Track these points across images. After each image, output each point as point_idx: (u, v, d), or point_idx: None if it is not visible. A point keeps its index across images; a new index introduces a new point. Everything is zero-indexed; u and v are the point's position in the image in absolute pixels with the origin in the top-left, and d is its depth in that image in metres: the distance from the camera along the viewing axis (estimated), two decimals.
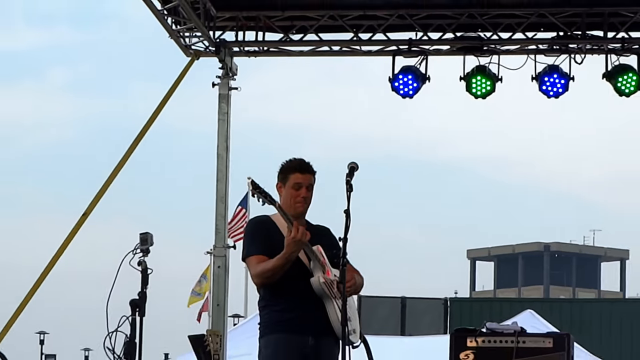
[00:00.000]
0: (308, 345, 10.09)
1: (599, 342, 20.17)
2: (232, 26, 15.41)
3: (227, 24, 15.38)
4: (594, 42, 14.98)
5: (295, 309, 9.97)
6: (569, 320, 16.91)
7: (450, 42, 15.21)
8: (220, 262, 15.26)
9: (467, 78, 15.02)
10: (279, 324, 10.09)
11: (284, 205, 10.01)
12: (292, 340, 10.07)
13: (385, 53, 15.23)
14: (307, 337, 10.08)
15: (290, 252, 9.74)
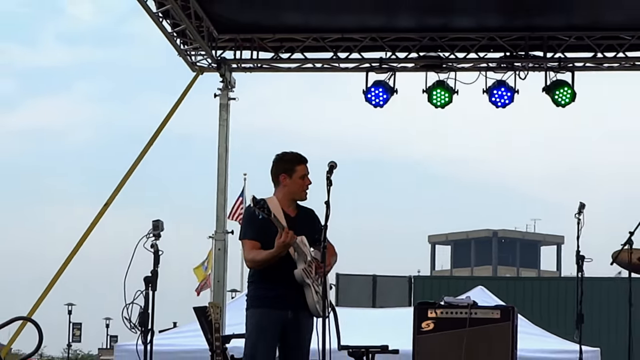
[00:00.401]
0: (287, 318, 10.11)
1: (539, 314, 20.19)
2: (231, 46, 15.42)
3: (226, 44, 15.39)
4: (535, 61, 15.00)
5: (277, 289, 9.97)
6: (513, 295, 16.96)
7: (415, 61, 15.20)
8: (220, 245, 15.32)
9: (429, 91, 15.04)
10: (263, 299, 10.08)
11: (292, 193, 10.05)
12: (273, 314, 10.07)
13: (360, 69, 15.24)
14: (287, 312, 10.07)
15: (278, 252, 9.76)
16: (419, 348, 11.56)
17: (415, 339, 11.61)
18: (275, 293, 10.02)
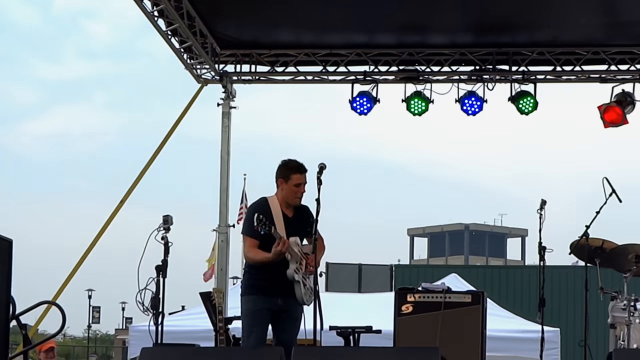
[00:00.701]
0: (277, 304, 10.16)
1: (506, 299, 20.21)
2: (232, 60, 15.41)
3: (228, 59, 15.39)
4: (502, 74, 15.01)
5: (269, 279, 10.04)
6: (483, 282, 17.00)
7: (395, 74, 15.20)
8: (223, 237, 15.33)
9: (407, 100, 15.04)
10: (255, 288, 10.15)
11: (286, 197, 10.13)
12: (265, 300, 10.13)
13: (346, 81, 15.23)
14: (277, 299, 10.13)
15: (274, 258, 9.87)
16: (400, 329, 11.59)
17: (396, 321, 11.64)
18: (267, 282, 10.10)
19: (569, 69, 15.11)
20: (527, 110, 14.96)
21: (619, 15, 14.24)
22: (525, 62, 15.03)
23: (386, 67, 15.24)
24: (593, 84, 15.19)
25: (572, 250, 12.08)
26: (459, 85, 15.11)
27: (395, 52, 15.11)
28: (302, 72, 15.46)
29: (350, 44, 15.07)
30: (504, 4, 13.97)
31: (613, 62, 15.05)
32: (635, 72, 15.03)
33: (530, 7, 14.06)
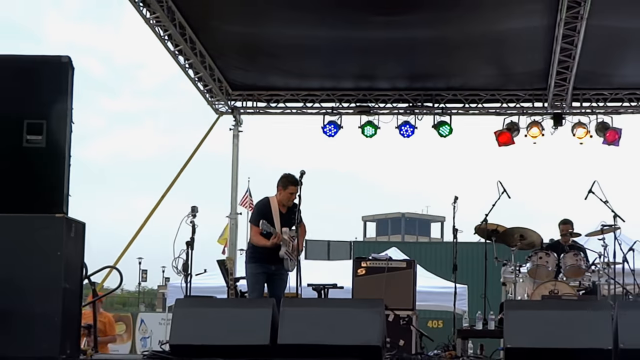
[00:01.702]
0: (271, 270, 10.25)
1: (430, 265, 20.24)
2: (240, 98, 15.35)
3: (237, 97, 15.33)
4: (427, 109, 15.02)
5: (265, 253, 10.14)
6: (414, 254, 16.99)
7: (353, 108, 15.18)
8: (233, 221, 15.32)
9: (362, 127, 15.04)
10: (256, 258, 10.34)
11: (282, 199, 10.38)
12: (262, 267, 10.24)
13: (319, 114, 15.19)
14: (271, 266, 10.22)
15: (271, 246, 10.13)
16: (356, 286, 11.57)
17: (354, 280, 11.62)
18: (264, 255, 10.24)
19: (474, 106, 15.11)
20: (445, 135, 15.00)
21: (508, 68, 14.28)
22: (443, 101, 15.04)
23: (347, 103, 15.23)
24: (491, 116, 15.20)
25: (475, 231, 12.11)
26: (398, 117, 15.11)
27: (354, 93, 15.10)
28: (289, 107, 15.42)
29: (322, 87, 15.05)
30: (428, 61, 13.98)
31: (504, 101, 15.06)
32: (520, 108, 15.06)
33: (447, 63, 14.09)
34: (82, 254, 8.56)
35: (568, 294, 11.11)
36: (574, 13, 11.77)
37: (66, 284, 8.12)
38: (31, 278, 7.94)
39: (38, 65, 8.38)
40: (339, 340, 8.03)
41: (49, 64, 8.39)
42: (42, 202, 8.13)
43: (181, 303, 8.78)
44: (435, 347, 11.12)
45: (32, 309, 7.90)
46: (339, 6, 11.99)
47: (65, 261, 8.07)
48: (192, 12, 12.66)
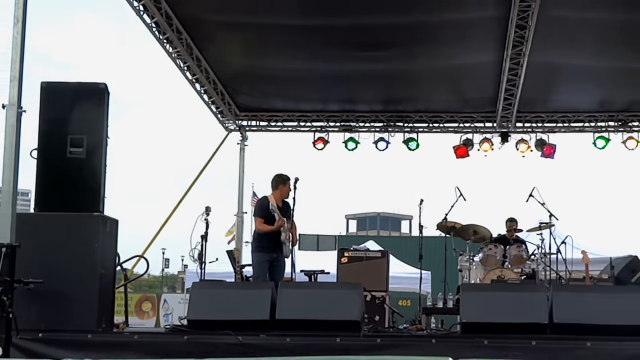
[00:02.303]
0: (272, 257, 10.19)
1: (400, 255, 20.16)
2: (245, 118, 15.27)
3: (244, 117, 15.25)
4: (399, 128, 14.99)
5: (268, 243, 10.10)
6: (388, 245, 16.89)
7: (338, 127, 15.08)
8: (240, 219, 15.25)
9: (345, 142, 15.00)
10: (261, 248, 10.24)
11: (282, 195, 10.32)
12: (266, 255, 10.17)
13: (311, 131, 15.14)
14: (272, 254, 10.17)
15: (276, 229, 10.08)
16: (340, 272, 11.52)
17: (338, 267, 11.57)
18: (267, 245, 10.15)
19: (436, 125, 15.08)
20: (413, 149, 14.96)
21: (464, 95, 14.28)
22: (412, 121, 14.99)
23: (333, 123, 15.16)
24: (450, 134, 15.18)
25: (437, 227, 12.11)
26: (375, 134, 15.08)
27: (339, 114, 15.05)
28: (286, 125, 15.35)
29: (313, 109, 15.01)
30: (400, 88, 13.97)
31: (461, 122, 15.04)
32: (474, 127, 15.04)
33: (415, 90, 14.09)
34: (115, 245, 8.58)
35: (512, 278, 11.13)
36: (517, 51, 11.81)
37: (102, 270, 8.14)
38: (74, 265, 7.98)
39: (80, 91, 8.43)
40: (326, 316, 8.03)
41: (89, 89, 8.44)
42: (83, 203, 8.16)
43: (197, 285, 8.78)
44: (404, 322, 11.12)
45: (75, 290, 7.93)
46: (327, 44, 11.98)
47: (102, 251, 8.10)
48: (207, 48, 12.65)
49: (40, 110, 8.24)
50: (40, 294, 7.71)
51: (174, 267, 54.74)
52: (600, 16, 10.89)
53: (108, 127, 8.35)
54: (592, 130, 14.82)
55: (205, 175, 15.04)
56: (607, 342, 7.53)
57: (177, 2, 11.33)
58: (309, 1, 10.88)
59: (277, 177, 10.42)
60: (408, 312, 13.21)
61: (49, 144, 8.22)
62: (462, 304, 8.31)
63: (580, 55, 12.16)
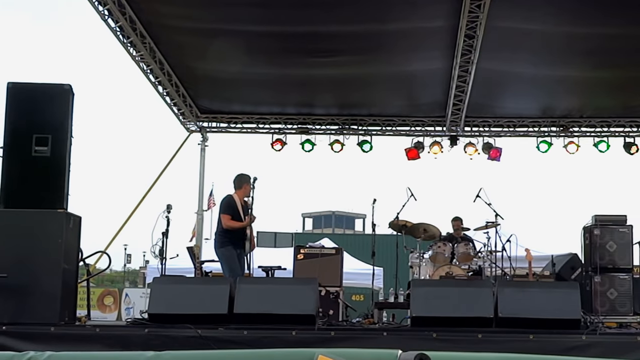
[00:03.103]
0: (238, 252, 10.15)
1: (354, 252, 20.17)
2: (206, 120, 15.22)
3: (204, 119, 15.18)
4: (353, 131, 15.01)
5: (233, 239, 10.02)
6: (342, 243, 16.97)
7: (295, 129, 15.11)
8: (200, 216, 15.19)
9: (302, 144, 14.98)
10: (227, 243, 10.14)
11: (245, 193, 10.25)
12: (233, 249, 10.10)
13: (269, 133, 15.13)
14: (238, 249, 10.10)
15: (245, 225, 10.07)
16: (296, 267, 11.50)
17: (294, 263, 11.55)
18: (233, 240, 10.08)
19: (389, 128, 15.15)
20: (367, 150, 15.00)
21: (415, 100, 14.36)
22: (366, 124, 15.05)
23: (291, 125, 15.16)
24: (402, 137, 15.26)
25: (389, 226, 12.13)
26: (330, 136, 15.09)
27: (296, 117, 15.04)
28: (245, 127, 15.31)
29: (271, 112, 14.99)
30: (354, 93, 14.00)
31: (413, 125, 15.13)
32: (424, 131, 15.14)
33: (369, 95, 14.13)
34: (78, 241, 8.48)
35: (460, 275, 11.20)
36: (466, 59, 11.90)
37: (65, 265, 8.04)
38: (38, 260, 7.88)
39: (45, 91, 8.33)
40: (282, 310, 8.00)
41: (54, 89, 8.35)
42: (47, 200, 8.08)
43: (157, 281, 8.70)
44: (357, 316, 11.12)
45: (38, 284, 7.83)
46: (284, 50, 11.98)
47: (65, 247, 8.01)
48: (169, 52, 12.57)
49: (6, 110, 8.16)
50: (3, 288, 7.61)
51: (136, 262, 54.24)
52: (541, 28, 11.03)
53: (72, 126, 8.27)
54: (536, 135, 15.00)
55: (166, 174, 14.92)
56: (549, 335, 7.62)
57: (140, 8, 11.23)
58: (268, 9, 10.85)
59: (241, 176, 10.39)
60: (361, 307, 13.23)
61: (15, 143, 8.12)
62: (413, 299, 8.34)
63: (524, 64, 12.31)
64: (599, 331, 7.83)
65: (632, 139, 14.85)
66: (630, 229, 11.32)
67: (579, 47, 11.56)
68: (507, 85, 13.35)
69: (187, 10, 10.98)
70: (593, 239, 11.42)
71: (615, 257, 11.35)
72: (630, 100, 13.93)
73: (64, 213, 8.05)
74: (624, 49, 11.54)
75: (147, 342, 7.52)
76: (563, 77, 12.85)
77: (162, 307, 8.10)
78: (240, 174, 10.41)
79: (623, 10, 10.43)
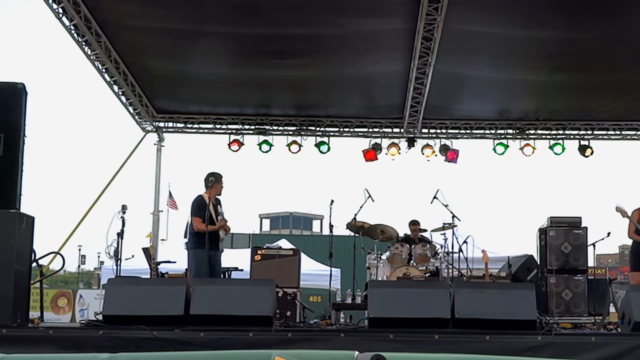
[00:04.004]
0: (211, 254, 10.08)
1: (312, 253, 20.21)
2: (163, 120, 15.08)
3: (161, 119, 15.04)
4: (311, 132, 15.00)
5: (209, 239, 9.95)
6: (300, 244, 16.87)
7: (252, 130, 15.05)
8: (156, 217, 15.05)
9: (259, 144, 14.90)
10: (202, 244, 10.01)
11: (216, 192, 10.26)
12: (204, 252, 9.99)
13: (226, 134, 15.04)
14: (211, 251, 10.04)
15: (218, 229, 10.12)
16: (253, 268, 11.49)
17: (252, 264, 11.54)
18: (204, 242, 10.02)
19: (347, 130, 15.16)
20: (324, 152, 15.00)
21: (373, 101, 14.41)
22: (323, 125, 15.05)
23: (248, 126, 15.10)
24: (360, 138, 15.29)
25: (347, 227, 12.17)
26: (288, 137, 15.07)
27: (254, 118, 14.99)
28: (202, 128, 15.20)
29: (229, 113, 14.91)
30: (312, 94, 14.01)
31: (370, 127, 15.17)
32: (382, 133, 15.19)
33: (326, 96, 14.14)
34: (31, 242, 8.35)
35: (417, 276, 11.25)
36: (424, 61, 11.96)
37: (17, 266, 7.92)
38: None
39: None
40: (239, 311, 7.97)
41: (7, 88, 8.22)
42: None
43: (112, 282, 8.60)
44: (314, 317, 11.13)
45: None
46: (242, 51, 11.93)
47: (17, 248, 7.89)
48: (125, 51, 12.45)
49: None
50: None
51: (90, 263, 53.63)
52: (498, 31, 11.13)
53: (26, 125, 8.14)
54: (492, 137, 15.13)
55: (122, 174, 14.76)
56: (505, 336, 7.68)
57: (96, 6, 11.10)
58: (226, 10, 10.79)
59: (211, 175, 10.32)
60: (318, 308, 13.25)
61: None
62: (370, 300, 8.35)
63: (480, 67, 12.41)
64: (554, 332, 7.92)
65: (586, 141, 15.07)
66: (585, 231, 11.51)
67: (536, 51, 11.69)
68: (465, 87, 13.44)
69: (144, 9, 10.88)
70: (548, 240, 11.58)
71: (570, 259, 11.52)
72: (585, 104, 14.13)
73: (17, 213, 7.93)
74: (580, 53, 11.70)
75: (102, 344, 7.43)
76: (519, 80, 12.98)
77: (117, 309, 8.02)
78: (211, 173, 10.34)
79: (580, 14, 10.57)
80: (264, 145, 14.94)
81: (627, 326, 8.25)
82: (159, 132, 15.11)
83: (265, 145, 14.94)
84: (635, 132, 15.09)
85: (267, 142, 14.96)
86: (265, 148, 14.95)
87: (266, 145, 14.94)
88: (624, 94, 13.55)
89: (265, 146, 14.94)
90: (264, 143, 14.94)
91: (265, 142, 14.95)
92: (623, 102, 13.92)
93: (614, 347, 7.60)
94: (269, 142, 14.96)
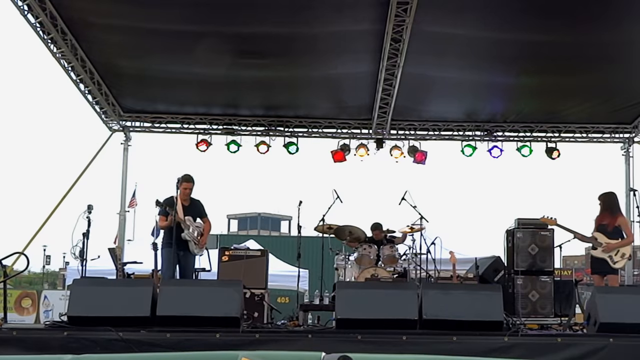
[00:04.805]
0: (180, 254, 10.06)
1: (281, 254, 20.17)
2: (130, 119, 14.95)
3: (128, 118, 14.90)
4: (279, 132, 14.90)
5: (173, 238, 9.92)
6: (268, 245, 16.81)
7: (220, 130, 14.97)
8: (122, 217, 14.93)
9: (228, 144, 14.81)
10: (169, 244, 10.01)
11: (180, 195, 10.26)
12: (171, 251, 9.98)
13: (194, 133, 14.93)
14: (179, 251, 10.03)
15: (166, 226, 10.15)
16: (221, 269, 11.45)
17: (219, 265, 11.49)
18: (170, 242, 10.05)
19: (315, 131, 15.14)
20: (293, 152, 14.95)
21: (342, 102, 14.42)
22: (292, 126, 15.01)
23: (216, 126, 15.02)
24: (328, 139, 15.29)
25: (315, 228, 12.17)
26: (256, 137, 15.02)
27: (221, 118, 14.91)
28: (170, 127, 15.10)
29: (196, 112, 14.83)
30: (281, 95, 13.99)
31: (339, 128, 15.17)
32: (351, 134, 15.19)
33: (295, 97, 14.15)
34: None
35: (385, 277, 11.29)
36: (392, 62, 12.01)
37: None
38: None
39: None
40: (206, 312, 7.94)
41: None
42: None
43: (78, 282, 8.53)
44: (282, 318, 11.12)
45: None
46: (210, 51, 11.89)
47: None
48: (91, 49, 12.35)
49: None
50: None
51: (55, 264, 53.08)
52: (467, 33, 11.21)
53: None
54: (461, 138, 15.22)
55: (88, 173, 14.61)
56: (472, 337, 7.74)
57: (62, 4, 11.01)
58: (194, 9, 10.75)
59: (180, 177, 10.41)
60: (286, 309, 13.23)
61: None
62: (338, 301, 8.37)
63: (449, 68, 12.49)
64: (521, 333, 8.00)
65: (553, 144, 15.20)
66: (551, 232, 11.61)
67: (504, 53, 11.79)
68: (433, 89, 13.52)
69: (110, 7, 10.80)
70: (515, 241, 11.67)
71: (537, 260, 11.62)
72: (552, 106, 14.27)
73: None
74: (547, 56, 11.81)
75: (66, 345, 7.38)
76: (487, 82, 13.08)
77: (82, 310, 7.96)
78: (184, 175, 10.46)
79: (547, 17, 10.67)
80: (232, 146, 14.87)
81: (592, 327, 8.35)
82: (126, 131, 15.00)
83: (233, 145, 14.87)
84: (601, 135, 15.26)
85: (235, 142, 14.90)
86: (234, 148, 14.88)
87: (234, 145, 14.88)
88: (591, 96, 13.71)
89: (233, 146, 14.87)
90: (232, 143, 14.88)
91: (233, 142, 14.89)
92: (589, 105, 14.08)
93: (579, 348, 7.70)
94: (237, 142, 14.91)
